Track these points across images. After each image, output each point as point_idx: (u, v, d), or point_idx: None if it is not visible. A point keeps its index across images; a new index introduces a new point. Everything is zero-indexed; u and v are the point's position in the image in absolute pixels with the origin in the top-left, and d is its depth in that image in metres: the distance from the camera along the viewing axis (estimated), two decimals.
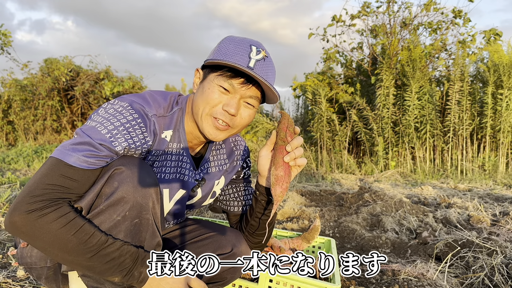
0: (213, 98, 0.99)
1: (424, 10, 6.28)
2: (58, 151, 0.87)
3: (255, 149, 6.80)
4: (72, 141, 0.89)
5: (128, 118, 0.94)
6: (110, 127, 0.90)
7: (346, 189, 4.19)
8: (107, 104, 0.98)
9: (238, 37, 1.03)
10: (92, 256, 0.85)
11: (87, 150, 0.87)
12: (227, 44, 1.00)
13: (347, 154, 6.33)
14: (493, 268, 1.71)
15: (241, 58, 0.97)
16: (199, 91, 1.02)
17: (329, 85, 7.08)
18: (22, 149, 6.56)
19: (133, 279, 0.90)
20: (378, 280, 1.68)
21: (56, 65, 7.74)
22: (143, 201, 0.90)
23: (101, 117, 0.93)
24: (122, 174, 0.89)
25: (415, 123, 5.94)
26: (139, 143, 0.95)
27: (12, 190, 3.40)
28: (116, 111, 0.94)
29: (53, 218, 0.81)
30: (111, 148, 0.89)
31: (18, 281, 1.50)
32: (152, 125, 0.98)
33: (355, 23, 6.81)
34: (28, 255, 1.04)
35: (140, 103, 0.98)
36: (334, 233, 2.47)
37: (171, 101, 1.07)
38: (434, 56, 6.36)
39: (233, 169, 1.27)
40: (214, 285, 1.16)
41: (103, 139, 0.88)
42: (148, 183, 0.92)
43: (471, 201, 3.27)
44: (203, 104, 1.00)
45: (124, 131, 0.91)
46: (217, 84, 0.98)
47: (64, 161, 0.85)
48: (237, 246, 1.18)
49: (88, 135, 0.88)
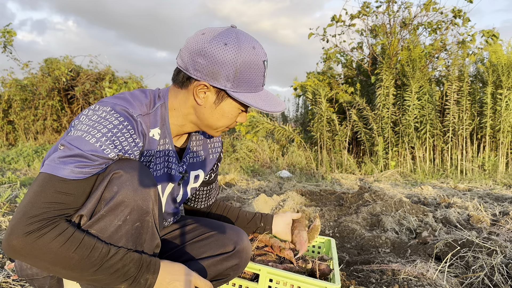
0: (232, 117, 1.07)
1: (423, 10, 6.28)
2: (48, 166, 0.84)
3: (255, 149, 6.80)
4: (60, 154, 0.85)
5: (114, 123, 0.91)
6: (97, 135, 0.88)
7: (346, 189, 4.19)
8: (88, 111, 0.95)
9: (249, 50, 0.99)
10: (96, 270, 0.84)
11: (79, 161, 0.84)
12: (247, 74, 0.99)
13: (347, 154, 6.34)
14: (493, 268, 1.72)
15: (260, 83, 1.05)
16: (218, 113, 1.04)
17: (329, 85, 7.08)
18: (22, 149, 6.56)
19: (139, 286, 0.90)
20: (378, 280, 1.69)
21: (57, 65, 7.75)
22: (143, 203, 0.90)
23: (86, 125, 0.90)
24: (121, 178, 0.88)
25: (415, 123, 5.94)
26: (129, 147, 0.93)
27: (12, 190, 3.40)
28: (100, 117, 0.91)
29: (51, 237, 0.80)
30: (104, 156, 0.87)
31: (18, 281, 1.50)
32: (139, 126, 0.96)
33: (355, 23, 6.81)
34: (28, 267, 1.02)
35: (123, 105, 0.95)
36: (334, 233, 2.47)
37: (151, 97, 1.05)
38: (434, 56, 6.37)
39: (210, 161, 1.30)
40: (218, 282, 1.18)
41: (93, 150, 0.86)
42: (147, 185, 0.91)
43: (471, 201, 3.27)
44: (221, 123, 1.07)
45: (113, 137, 0.89)
46: (238, 108, 1.05)
47: (57, 175, 0.83)
48: (240, 244, 1.19)
49: (76, 147, 0.85)
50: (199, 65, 0.97)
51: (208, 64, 0.96)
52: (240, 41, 0.98)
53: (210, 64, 0.96)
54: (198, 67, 0.98)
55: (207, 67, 0.97)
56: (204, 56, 0.97)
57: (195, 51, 0.98)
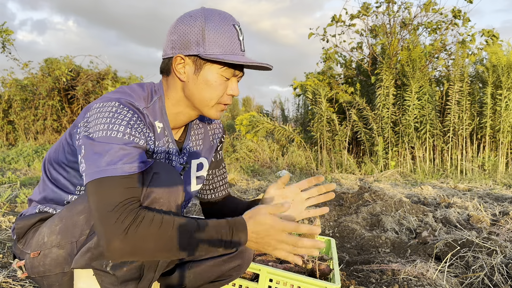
0: (221, 89, 1.04)
1: (423, 10, 6.28)
2: (100, 172, 0.85)
3: (255, 149, 6.80)
4: (99, 158, 0.87)
5: (128, 115, 0.93)
6: (120, 128, 0.90)
7: (346, 189, 4.19)
8: (93, 110, 0.95)
9: (215, 16, 1.02)
10: (198, 242, 0.88)
11: (123, 156, 0.87)
12: (216, 34, 1.00)
13: (347, 154, 6.34)
14: (492, 268, 1.72)
15: (237, 47, 1.02)
16: (201, 83, 1.02)
17: (329, 85, 7.08)
18: (22, 149, 6.56)
19: (235, 245, 0.94)
20: (378, 280, 1.69)
21: (57, 65, 7.74)
22: (174, 203, 0.93)
23: (103, 123, 0.90)
24: (159, 178, 0.91)
25: (415, 123, 5.94)
26: (145, 137, 0.97)
27: (13, 190, 3.40)
28: (112, 112, 0.92)
29: (147, 223, 0.83)
30: (138, 145, 0.91)
31: (18, 281, 1.50)
32: (146, 118, 1.00)
33: (355, 23, 6.81)
34: (40, 263, 1.01)
35: (127, 99, 0.97)
36: (334, 233, 2.47)
37: (149, 91, 1.07)
38: (434, 56, 6.37)
39: (211, 148, 1.29)
40: (220, 283, 1.17)
41: (125, 142, 0.89)
42: (178, 184, 0.95)
43: (471, 201, 3.27)
44: (210, 95, 1.03)
45: (133, 127, 0.92)
46: (221, 75, 1.03)
47: (116, 175, 0.85)
48: None
49: (108, 143, 0.88)
50: (172, 42, 1.02)
51: (179, 37, 1.01)
52: (206, 11, 1.02)
53: (180, 36, 1.01)
54: (173, 44, 1.02)
55: (179, 40, 1.01)
56: (174, 32, 1.02)
57: (169, 32, 1.04)
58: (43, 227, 1.03)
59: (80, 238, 0.97)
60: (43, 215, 1.07)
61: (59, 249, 0.98)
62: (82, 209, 0.97)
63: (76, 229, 0.97)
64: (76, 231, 0.97)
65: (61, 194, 1.08)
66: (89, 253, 0.92)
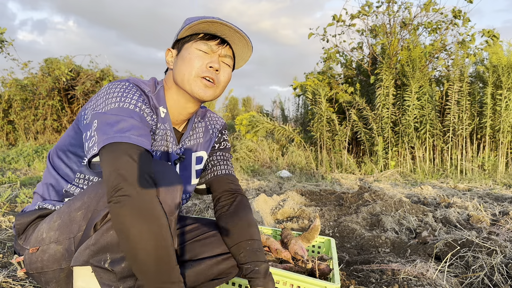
0: (196, 60, 1.07)
1: (423, 10, 6.28)
2: (109, 138, 0.89)
3: (255, 149, 6.80)
4: (110, 127, 0.90)
5: (136, 93, 1.01)
6: (132, 101, 0.97)
7: (346, 189, 4.19)
8: (103, 90, 1.00)
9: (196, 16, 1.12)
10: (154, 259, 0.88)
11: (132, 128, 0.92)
12: (192, 20, 1.07)
13: (347, 154, 6.34)
14: (492, 268, 1.72)
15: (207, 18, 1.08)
16: (179, 62, 1.10)
17: (329, 85, 7.08)
18: (22, 149, 6.56)
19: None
20: (377, 280, 1.69)
21: (57, 65, 7.74)
22: (171, 204, 0.93)
23: (113, 97, 0.97)
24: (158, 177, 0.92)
25: (415, 123, 5.94)
26: (151, 117, 1.03)
27: (13, 189, 3.40)
28: (123, 89, 1.00)
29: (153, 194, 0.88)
30: (146, 121, 0.98)
31: (18, 281, 1.50)
32: (151, 101, 1.07)
33: (355, 23, 6.81)
34: (38, 259, 1.02)
35: (135, 81, 1.05)
36: (334, 233, 2.47)
37: (153, 81, 1.15)
38: (434, 56, 6.37)
39: (210, 140, 1.32)
40: (219, 281, 1.18)
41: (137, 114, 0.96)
42: (177, 183, 0.95)
43: (471, 200, 3.27)
44: (188, 69, 1.07)
45: (142, 103, 0.99)
46: (196, 48, 1.08)
47: (127, 142, 0.89)
48: None
49: (119, 114, 0.93)
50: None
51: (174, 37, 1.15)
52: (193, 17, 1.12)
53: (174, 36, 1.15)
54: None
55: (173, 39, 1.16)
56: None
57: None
58: (43, 223, 1.04)
59: (77, 234, 0.98)
60: (42, 212, 1.09)
61: (57, 245, 0.99)
62: (80, 206, 0.99)
63: (74, 225, 0.98)
64: (74, 227, 0.98)
65: (61, 182, 1.11)
66: (87, 250, 0.93)
